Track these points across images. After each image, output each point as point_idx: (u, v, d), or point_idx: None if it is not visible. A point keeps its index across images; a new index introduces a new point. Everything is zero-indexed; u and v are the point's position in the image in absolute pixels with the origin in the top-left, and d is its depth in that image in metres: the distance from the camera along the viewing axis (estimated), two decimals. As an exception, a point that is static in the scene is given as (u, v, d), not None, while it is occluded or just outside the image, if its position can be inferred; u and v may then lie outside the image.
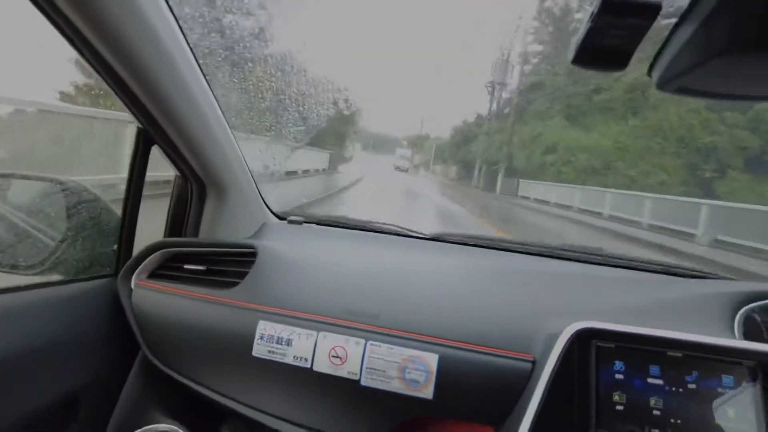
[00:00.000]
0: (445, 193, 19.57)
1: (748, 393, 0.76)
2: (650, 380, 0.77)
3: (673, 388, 0.76)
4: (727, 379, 0.76)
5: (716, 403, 0.75)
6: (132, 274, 1.02)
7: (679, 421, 0.74)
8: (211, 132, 0.97)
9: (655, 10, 0.43)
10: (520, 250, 1.23)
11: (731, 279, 1.10)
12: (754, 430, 0.73)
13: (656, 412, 0.75)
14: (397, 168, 35.47)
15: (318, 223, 1.31)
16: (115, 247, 1.05)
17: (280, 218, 1.28)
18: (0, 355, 0.77)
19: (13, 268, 0.96)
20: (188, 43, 0.84)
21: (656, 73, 0.49)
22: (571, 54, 0.51)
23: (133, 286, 1.01)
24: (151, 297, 0.99)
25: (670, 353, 0.78)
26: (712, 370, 0.77)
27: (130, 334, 0.99)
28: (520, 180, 20.80)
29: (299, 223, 1.27)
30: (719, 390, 0.76)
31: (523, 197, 19.49)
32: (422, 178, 33.42)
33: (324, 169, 13.75)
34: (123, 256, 1.05)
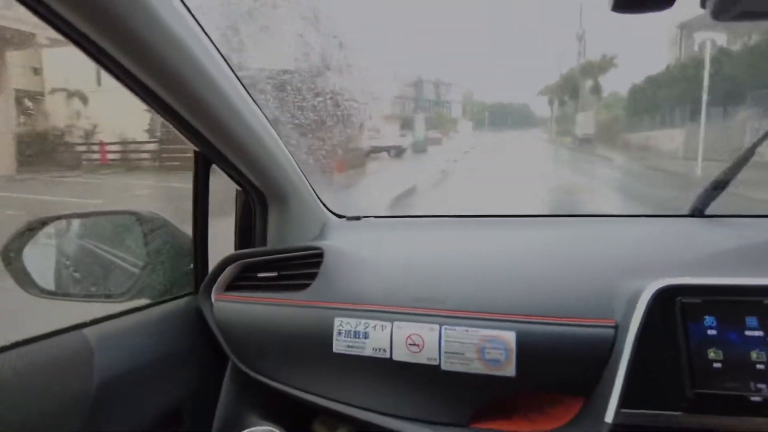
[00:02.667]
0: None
1: None
2: (748, 333, 0.73)
3: None
4: None
5: None
6: (211, 289, 1.08)
7: None
8: (262, 144, 1.01)
9: None
10: (579, 215, 1.20)
11: None
12: None
13: (760, 366, 0.71)
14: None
15: (377, 217, 1.33)
16: (192, 266, 1.12)
17: (339, 216, 1.31)
18: (106, 378, 0.84)
19: (108, 297, 1.05)
20: (225, 60, 0.87)
21: (710, 2, 0.45)
22: (610, 2, 0.48)
23: (213, 300, 1.07)
24: (231, 308, 1.05)
25: (767, 301, 0.73)
26: None
27: (217, 346, 1.05)
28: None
29: (357, 218, 1.30)
30: None
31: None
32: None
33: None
34: (200, 274, 1.11)
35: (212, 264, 1.11)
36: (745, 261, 0.88)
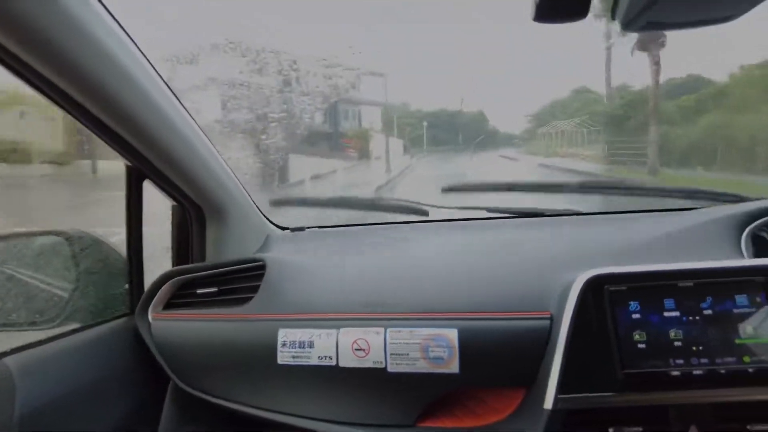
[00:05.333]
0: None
1: (763, 307, 0.77)
2: (667, 314, 0.78)
3: (690, 317, 0.78)
4: (740, 298, 0.78)
5: (734, 323, 0.77)
6: (147, 308, 1.04)
7: (701, 348, 0.76)
8: (198, 157, 0.99)
9: None
10: (516, 215, 1.25)
11: (726, 203, 1.11)
12: None
13: (677, 344, 0.77)
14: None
15: (320, 227, 1.33)
16: (127, 286, 1.07)
17: (283, 228, 1.29)
18: (30, 409, 0.79)
19: (32, 324, 0.98)
20: (156, 70, 0.85)
21: (619, 15, 0.50)
22: (531, 12, 0.51)
23: (150, 320, 1.03)
24: (170, 327, 1.01)
25: (681, 284, 0.80)
26: (725, 292, 0.78)
27: (157, 367, 1.01)
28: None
29: (302, 229, 1.29)
30: (735, 311, 0.77)
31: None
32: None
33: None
34: (136, 293, 1.07)
35: (148, 282, 1.07)
36: (664, 249, 0.95)
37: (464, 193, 1.40)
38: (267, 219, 1.26)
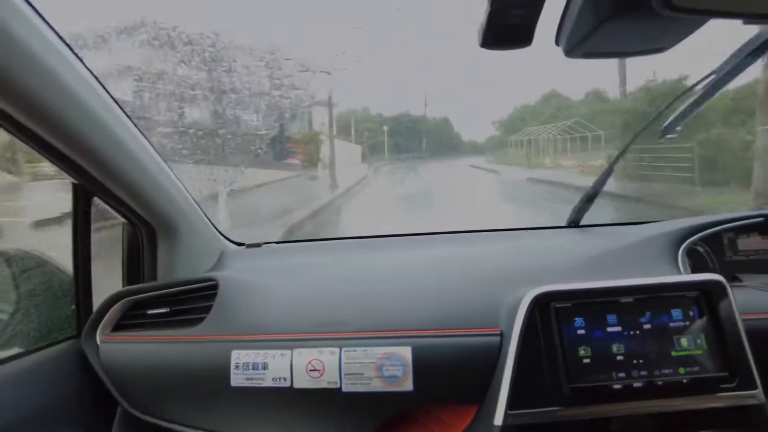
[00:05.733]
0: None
1: (696, 321, 0.82)
2: (609, 329, 0.82)
3: (631, 332, 0.82)
4: (675, 312, 0.82)
5: (670, 336, 0.81)
6: (95, 330, 1.00)
7: (641, 361, 0.80)
8: (147, 173, 0.96)
9: None
10: (468, 231, 1.28)
11: (666, 220, 1.17)
12: (706, 352, 0.80)
13: (620, 357, 0.80)
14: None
15: (277, 242, 1.32)
16: (73, 307, 1.03)
17: (238, 244, 1.28)
18: None
19: None
20: (102, 85, 0.83)
21: (562, 42, 0.53)
22: (479, 39, 0.54)
23: (98, 342, 0.99)
24: (118, 350, 0.98)
25: (623, 300, 0.84)
26: (662, 307, 0.83)
27: (106, 391, 0.97)
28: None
29: (258, 245, 1.28)
30: (671, 324, 0.82)
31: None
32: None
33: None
34: (83, 315, 1.02)
35: (97, 304, 1.03)
36: (609, 265, 1.00)
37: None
38: (222, 235, 1.24)
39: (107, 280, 1.09)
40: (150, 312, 1.01)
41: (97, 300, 1.04)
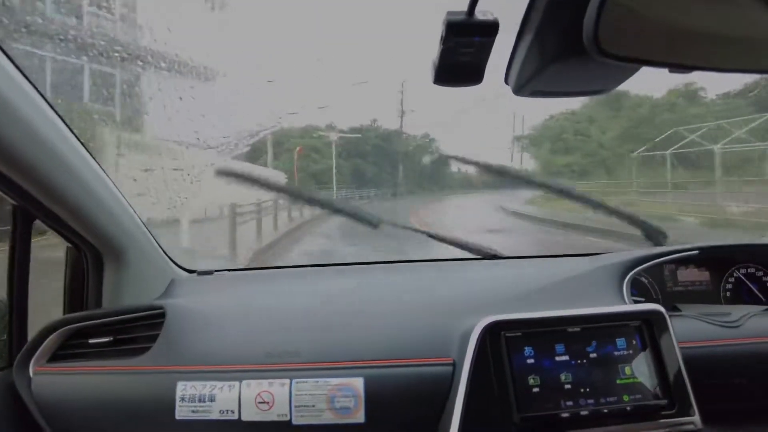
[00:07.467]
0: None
1: (638, 349, 0.85)
2: (558, 358, 0.84)
3: (578, 361, 0.84)
4: (620, 341, 0.85)
5: (615, 364, 0.84)
6: (29, 361, 0.94)
7: (588, 389, 0.82)
8: (94, 195, 0.93)
9: (494, 27, 0.49)
10: (422, 260, 1.29)
11: (615, 252, 1.23)
12: (648, 380, 0.83)
13: (567, 386, 0.82)
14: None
15: (230, 270, 1.29)
16: (5, 336, 0.96)
17: (190, 271, 1.24)
18: None
19: None
20: (46, 99, 0.80)
21: (511, 81, 0.55)
22: (431, 76, 0.56)
23: (31, 374, 0.93)
24: (54, 382, 0.92)
25: (570, 329, 0.86)
26: (607, 336, 0.86)
27: (37, 426, 0.91)
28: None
29: (210, 273, 1.24)
30: (615, 353, 0.85)
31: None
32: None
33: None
34: (16, 344, 0.96)
35: (33, 332, 0.97)
36: (559, 295, 1.02)
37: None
38: (173, 261, 1.20)
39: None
40: (92, 341, 0.96)
41: (34, 329, 0.98)
